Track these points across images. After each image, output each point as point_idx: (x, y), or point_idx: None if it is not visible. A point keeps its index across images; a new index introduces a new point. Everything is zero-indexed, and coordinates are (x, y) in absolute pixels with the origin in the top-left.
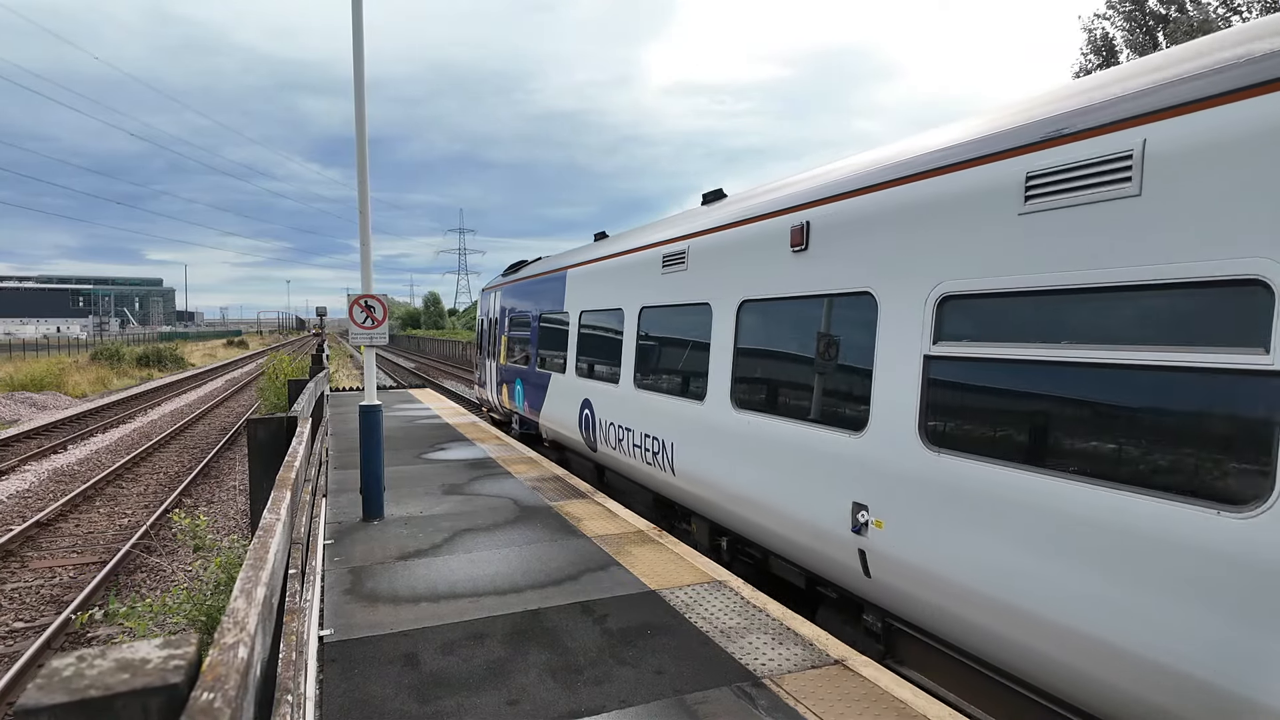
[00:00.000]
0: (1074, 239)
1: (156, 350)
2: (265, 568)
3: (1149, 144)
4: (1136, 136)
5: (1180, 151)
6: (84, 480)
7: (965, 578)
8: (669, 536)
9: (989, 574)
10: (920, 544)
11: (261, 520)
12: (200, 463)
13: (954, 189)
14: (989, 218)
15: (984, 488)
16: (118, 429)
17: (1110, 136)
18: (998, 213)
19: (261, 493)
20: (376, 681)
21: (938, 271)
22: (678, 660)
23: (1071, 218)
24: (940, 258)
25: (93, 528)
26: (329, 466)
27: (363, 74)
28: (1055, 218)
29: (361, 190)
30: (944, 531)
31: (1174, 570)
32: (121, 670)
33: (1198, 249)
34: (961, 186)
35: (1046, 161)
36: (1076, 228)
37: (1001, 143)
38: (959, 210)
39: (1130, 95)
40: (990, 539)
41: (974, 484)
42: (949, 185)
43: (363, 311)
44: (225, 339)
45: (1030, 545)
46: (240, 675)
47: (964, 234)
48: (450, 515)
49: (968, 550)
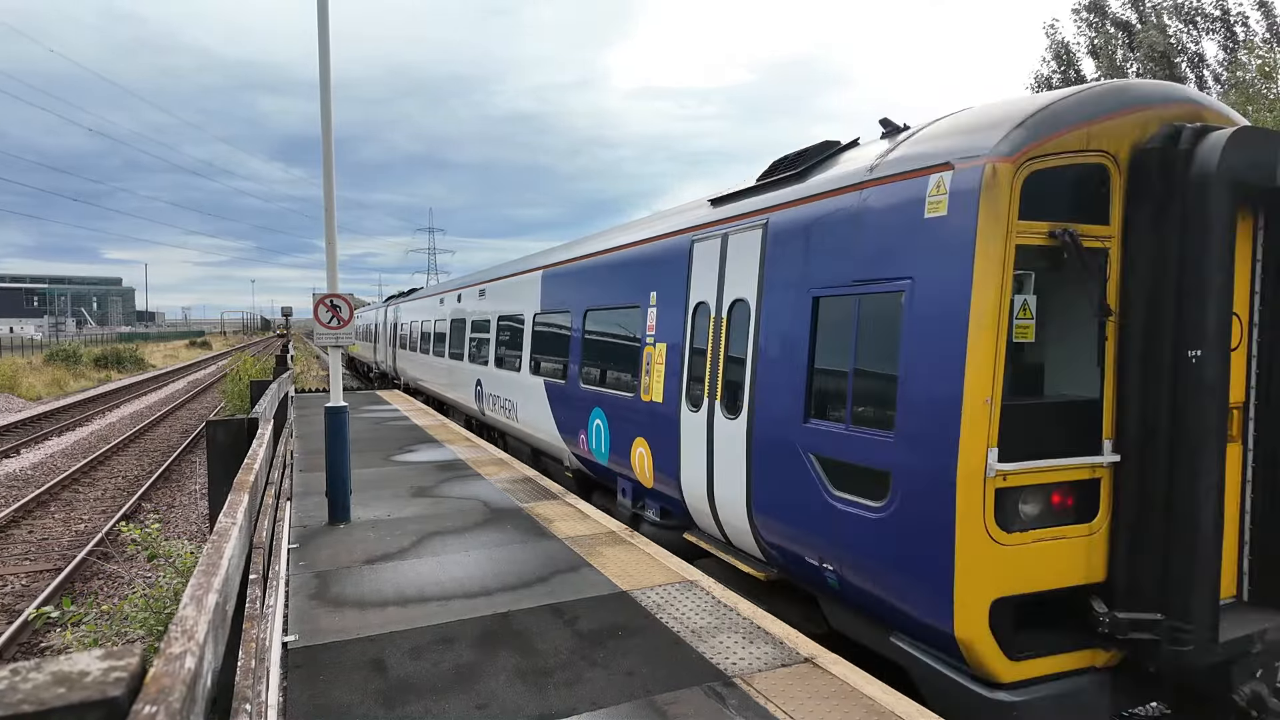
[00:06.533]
0: (607, 284)
1: (115, 351)
2: (218, 573)
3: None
4: (686, 240)
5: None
6: (38, 485)
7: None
8: (640, 537)
9: (532, 418)
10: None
11: (216, 525)
12: (161, 466)
13: (610, 262)
14: (601, 277)
15: (537, 383)
16: (74, 432)
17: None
18: (611, 275)
19: (221, 497)
20: (342, 688)
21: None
22: (649, 661)
23: (638, 273)
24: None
25: (47, 534)
26: (294, 469)
27: (329, 74)
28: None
29: (327, 187)
30: (537, 409)
31: (542, 400)
32: (58, 684)
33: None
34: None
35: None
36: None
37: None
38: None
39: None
40: (536, 407)
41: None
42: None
43: (328, 311)
44: (188, 340)
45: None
46: (187, 686)
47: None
48: (419, 518)
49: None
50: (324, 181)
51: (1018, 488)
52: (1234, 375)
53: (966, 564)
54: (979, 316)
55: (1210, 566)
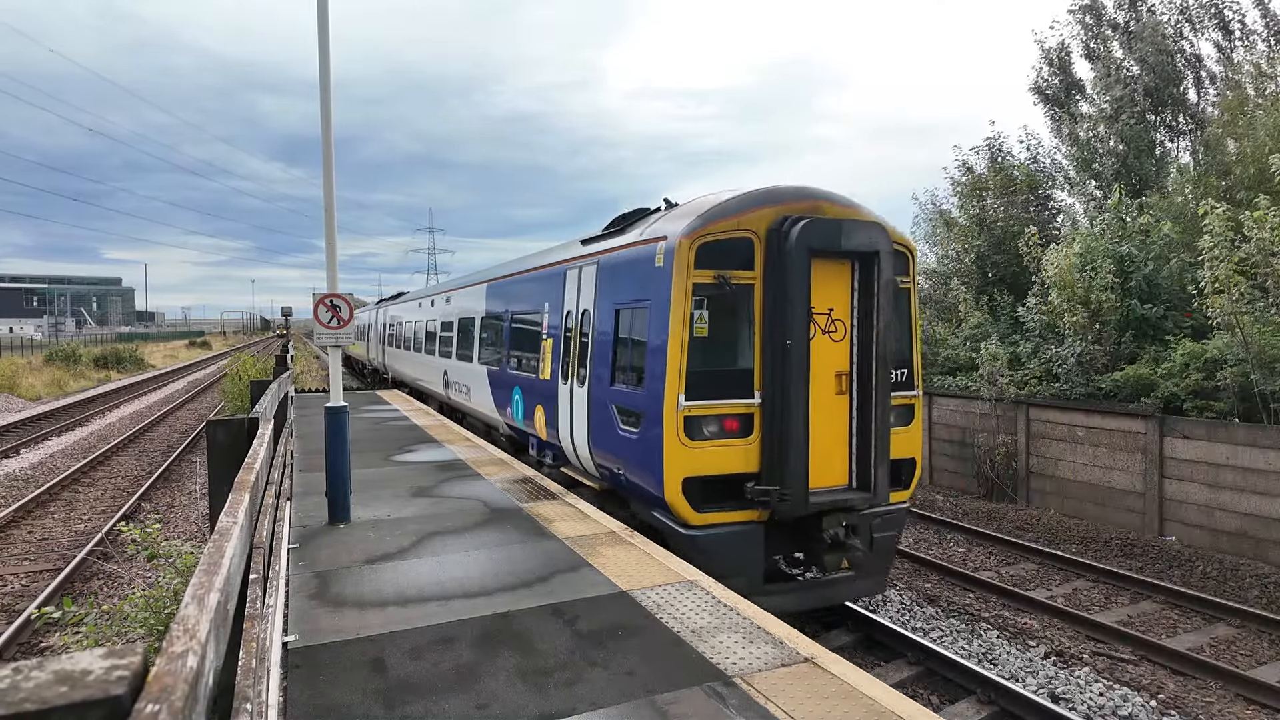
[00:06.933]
0: (523, 296)
1: (115, 351)
2: (220, 573)
3: (568, 271)
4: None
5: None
6: (37, 485)
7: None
8: (639, 536)
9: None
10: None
11: (218, 524)
12: (161, 466)
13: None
14: (520, 291)
15: (482, 371)
16: (74, 432)
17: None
18: (507, 290)
19: (221, 496)
20: (342, 688)
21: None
22: (649, 661)
23: (516, 288)
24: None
25: (47, 534)
26: (294, 469)
27: (328, 74)
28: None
29: (327, 188)
30: (482, 391)
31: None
32: (60, 683)
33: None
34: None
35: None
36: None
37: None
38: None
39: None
40: (482, 389)
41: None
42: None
43: (328, 311)
44: (188, 340)
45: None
46: (189, 685)
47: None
48: (419, 518)
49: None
50: (324, 182)
51: (698, 416)
52: (842, 355)
53: (668, 459)
54: (674, 323)
55: (801, 461)
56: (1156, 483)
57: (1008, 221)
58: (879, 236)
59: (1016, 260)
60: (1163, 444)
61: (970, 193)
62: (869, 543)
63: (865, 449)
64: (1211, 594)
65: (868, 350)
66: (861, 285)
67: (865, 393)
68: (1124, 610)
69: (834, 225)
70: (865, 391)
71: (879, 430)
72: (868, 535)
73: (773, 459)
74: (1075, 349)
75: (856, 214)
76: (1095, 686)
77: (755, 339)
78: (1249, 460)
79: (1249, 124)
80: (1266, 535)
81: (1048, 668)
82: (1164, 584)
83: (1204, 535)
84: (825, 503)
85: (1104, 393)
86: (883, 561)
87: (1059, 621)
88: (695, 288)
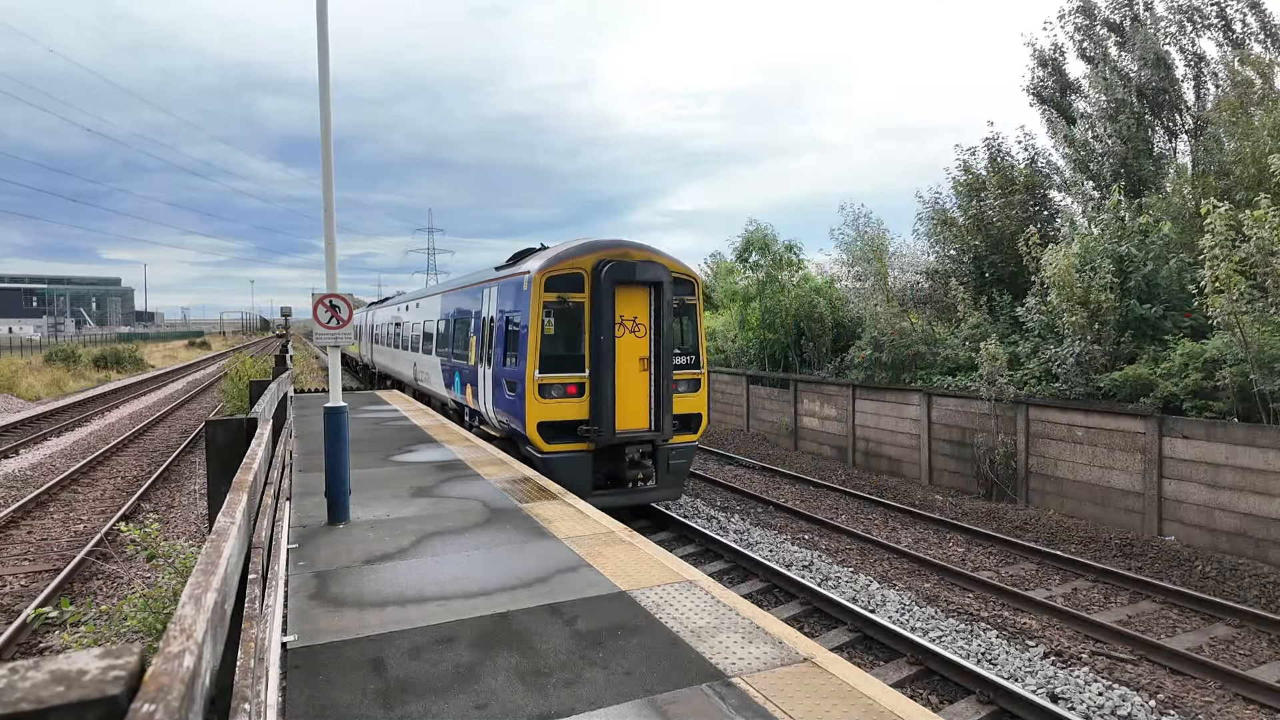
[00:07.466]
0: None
1: (115, 351)
2: (217, 573)
3: (484, 288)
4: (490, 287)
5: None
6: (36, 485)
7: (436, 388)
8: (639, 536)
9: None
10: (433, 377)
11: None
12: (160, 466)
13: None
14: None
15: (437, 361)
16: (73, 432)
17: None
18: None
19: (219, 497)
20: (341, 688)
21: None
22: (648, 661)
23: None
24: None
25: (46, 534)
26: (293, 469)
27: (328, 75)
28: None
29: (326, 188)
30: (438, 377)
31: (439, 371)
32: (56, 683)
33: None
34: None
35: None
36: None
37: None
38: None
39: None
40: (437, 376)
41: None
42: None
43: (327, 311)
44: (187, 340)
45: (437, 373)
46: (185, 685)
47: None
48: (418, 518)
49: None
50: (323, 182)
51: (548, 384)
52: (644, 347)
53: (529, 410)
54: (533, 326)
55: (610, 411)
56: (1156, 482)
57: (1005, 222)
58: (661, 272)
59: (1015, 260)
60: (1162, 444)
61: (968, 193)
62: (666, 467)
63: (658, 406)
64: (1210, 594)
65: (658, 343)
66: (655, 302)
67: (659, 370)
68: (1123, 610)
69: (631, 265)
70: (659, 369)
71: (664, 393)
72: (665, 462)
73: (596, 410)
74: (1074, 349)
75: (650, 256)
76: (1094, 686)
77: (585, 336)
78: (1248, 460)
79: (1249, 124)
80: (1265, 535)
81: (1047, 667)
82: (1163, 584)
83: (1203, 535)
84: (628, 437)
85: (1103, 393)
86: (677, 478)
87: (1058, 621)
88: (545, 305)
